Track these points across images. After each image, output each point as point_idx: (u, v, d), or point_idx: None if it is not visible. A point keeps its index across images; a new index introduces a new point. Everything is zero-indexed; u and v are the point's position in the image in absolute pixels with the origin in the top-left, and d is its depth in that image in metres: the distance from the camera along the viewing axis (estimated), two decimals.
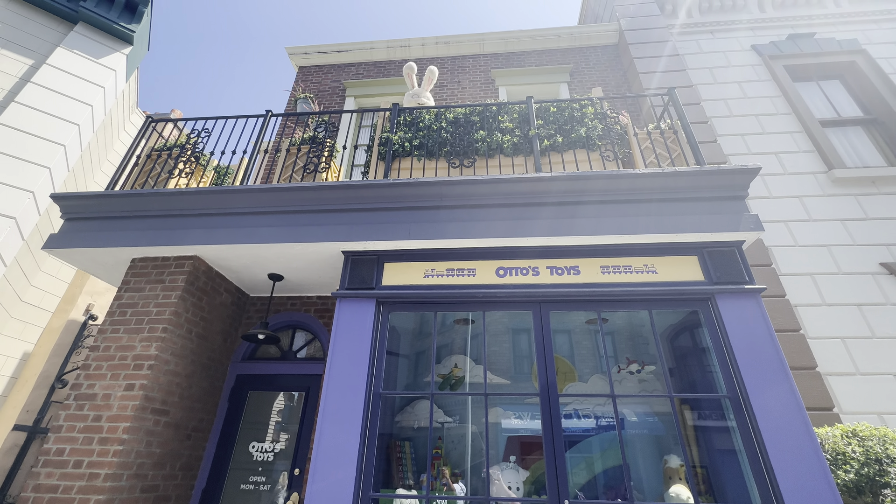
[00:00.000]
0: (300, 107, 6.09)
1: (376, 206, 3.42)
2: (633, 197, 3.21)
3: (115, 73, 5.75)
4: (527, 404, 3.74)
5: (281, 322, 4.43)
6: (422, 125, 4.02)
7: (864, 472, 2.41)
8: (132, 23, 5.93)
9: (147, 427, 3.16)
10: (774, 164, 4.74)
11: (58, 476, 2.86)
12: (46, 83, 5.12)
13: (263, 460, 3.83)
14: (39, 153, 4.82)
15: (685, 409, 3.34)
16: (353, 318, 3.10)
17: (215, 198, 3.56)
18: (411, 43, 6.95)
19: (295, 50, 7.13)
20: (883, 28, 5.85)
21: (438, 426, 3.75)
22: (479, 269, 3.25)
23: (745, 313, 2.84)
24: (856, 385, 3.50)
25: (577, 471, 3.36)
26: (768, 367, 2.66)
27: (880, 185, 4.47)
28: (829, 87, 5.62)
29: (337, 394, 2.84)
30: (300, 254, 3.53)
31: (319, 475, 2.61)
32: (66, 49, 5.41)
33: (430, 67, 4.70)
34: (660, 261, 3.13)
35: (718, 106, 5.30)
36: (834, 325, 3.77)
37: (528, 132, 3.82)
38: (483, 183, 3.32)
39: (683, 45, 6.00)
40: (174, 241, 3.48)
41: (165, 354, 3.34)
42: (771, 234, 4.28)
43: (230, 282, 4.17)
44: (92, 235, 3.57)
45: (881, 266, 4.00)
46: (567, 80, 6.36)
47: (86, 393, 3.14)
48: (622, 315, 3.93)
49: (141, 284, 3.57)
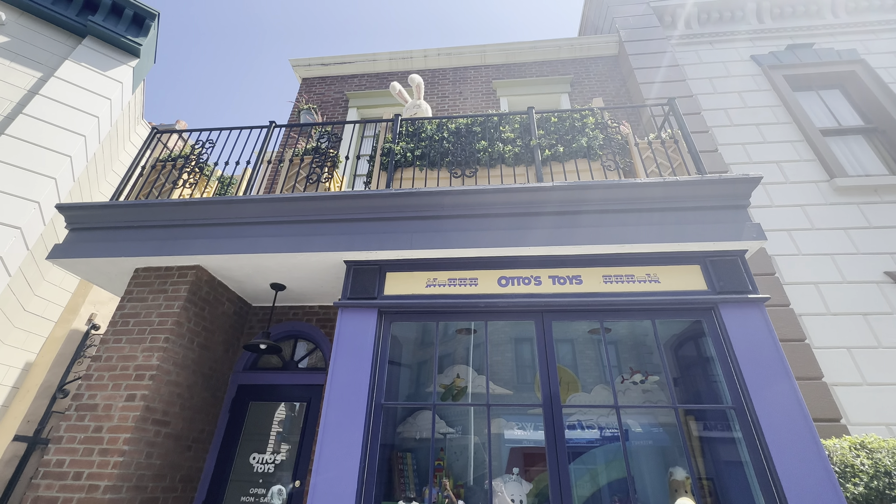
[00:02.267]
0: (303, 118, 6.15)
1: (378, 215, 3.43)
2: (635, 206, 3.21)
3: (122, 86, 5.85)
4: (530, 415, 3.70)
5: (283, 332, 4.43)
6: (424, 135, 4.05)
7: (874, 486, 2.36)
8: (139, 36, 6.04)
9: (147, 438, 3.14)
10: (776, 173, 4.74)
11: (57, 488, 2.84)
12: (54, 95, 5.20)
13: (264, 472, 3.79)
14: (46, 164, 4.88)
15: (690, 419, 3.30)
16: (354, 327, 3.10)
17: (218, 208, 3.58)
18: (413, 54, 7.04)
19: (299, 62, 7.23)
20: (882, 38, 5.89)
21: (440, 437, 3.71)
22: (481, 279, 3.24)
23: (748, 323, 2.82)
24: (863, 396, 3.45)
25: (581, 483, 3.31)
26: (773, 377, 2.63)
27: (882, 193, 4.46)
28: (829, 97, 5.65)
29: (338, 404, 2.82)
30: (302, 263, 3.53)
31: (320, 487, 2.58)
32: (74, 62, 5.51)
33: (412, 76, 4.77)
34: (662, 270, 3.12)
35: (719, 115, 5.33)
36: (839, 334, 3.73)
37: (529, 142, 3.85)
38: (485, 193, 3.33)
39: (683, 56, 6.05)
40: (177, 250, 3.49)
41: (167, 365, 3.34)
42: (774, 243, 4.26)
43: (232, 291, 4.17)
44: (96, 245, 3.59)
45: (885, 275, 3.97)
46: (568, 91, 6.42)
47: (87, 403, 3.13)
48: (625, 325, 3.91)
49: (143, 294, 3.58)
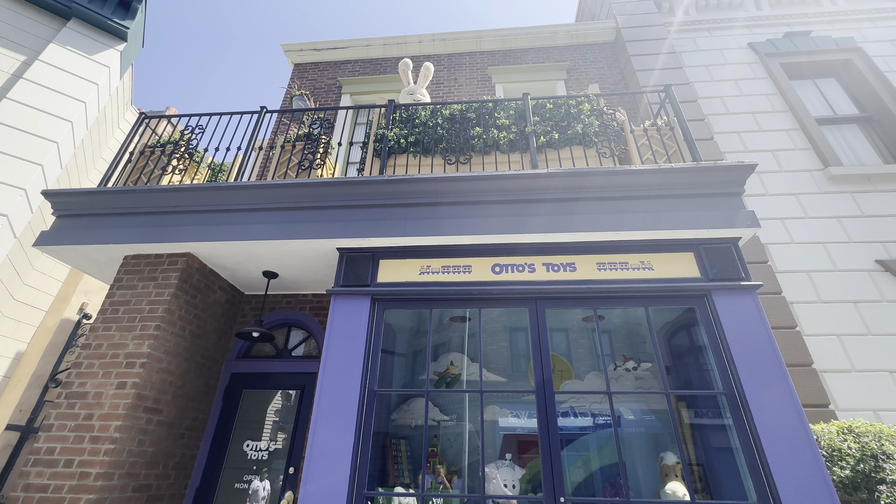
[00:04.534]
0: (296, 104, 6.05)
1: (372, 202, 3.39)
2: (630, 193, 3.20)
3: (109, 70, 5.71)
4: (524, 402, 3.72)
5: (276, 320, 4.40)
6: (418, 122, 3.99)
7: (860, 469, 2.40)
8: (126, 19, 5.88)
9: (139, 426, 3.12)
10: (771, 162, 4.74)
11: (48, 475, 2.82)
12: (39, 79, 5.07)
13: (258, 459, 3.80)
14: (32, 150, 4.77)
15: (682, 406, 3.33)
16: (347, 315, 3.08)
17: (209, 194, 3.53)
18: (408, 40, 6.92)
19: (291, 47, 7.09)
20: (878, 26, 5.86)
21: (434, 424, 3.73)
22: (475, 266, 3.23)
23: (741, 310, 2.83)
24: (851, 382, 3.50)
25: (573, 468, 3.34)
26: (765, 363, 2.65)
27: (876, 182, 4.47)
28: (825, 85, 5.63)
29: (331, 391, 2.81)
30: (295, 251, 3.50)
31: (314, 474, 2.59)
32: (58, 45, 5.36)
33: (426, 64, 4.67)
34: (656, 257, 3.12)
35: (715, 103, 5.30)
36: (830, 322, 3.77)
37: (524, 129, 3.80)
38: (479, 180, 3.30)
39: (680, 43, 5.99)
40: (167, 238, 3.44)
41: (158, 352, 3.31)
42: (767, 231, 4.27)
43: (224, 279, 4.13)
44: (84, 232, 3.53)
45: (877, 263, 4.00)
46: (564, 78, 6.35)
47: (77, 391, 3.10)
48: (619, 313, 3.92)
49: (133, 282, 3.54)
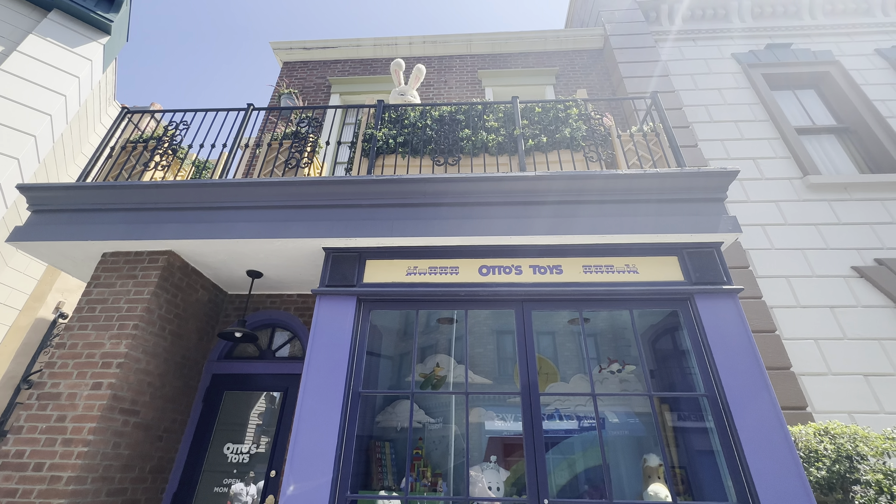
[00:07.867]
0: (284, 102, 5.98)
1: (359, 202, 3.36)
2: (616, 197, 3.23)
3: (91, 64, 5.57)
4: (510, 405, 3.72)
5: (260, 320, 4.33)
6: (407, 122, 3.98)
7: (836, 469, 2.45)
8: (110, 12, 5.76)
9: (115, 428, 3.03)
10: (752, 169, 4.85)
11: (16, 479, 2.72)
12: (16, 71, 4.93)
13: (238, 462, 3.72)
14: (8, 143, 4.63)
15: (665, 409, 3.37)
16: (332, 315, 3.04)
17: (192, 191, 3.46)
18: (398, 41, 6.92)
19: (280, 45, 7.03)
20: (855, 41, 6.06)
21: (420, 426, 3.69)
22: (462, 268, 3.22)
23: (722, 313, 2.88)
24: (828, 385, 3.58)
25: (558, 471, 3.35)
26: (745, 365, 2.70)
27: (852, 191, 4.61)
28: (805, 96, 5.79)
29: (315, 392, 2.77)
30: (280, 250, 3.45)
31: (296, 476, 2.54)
32: (38, 36, 5.22)
33: (418, 66, 4.67)
34: (641, 261, 3.16)
35: (699, 111, 5.41)
36: (808, 326, 3.86)
37: (513, 132, 3.82)
38: (467, 181, 3.30)
39: (667, 52, 6.11)
40: (148, 235, 3.36)
41: (136, 352, 3.22)
42: (748, 237, 4.36)
43: (207, 278, 4.05)
44: (60, 228, 3.42)
45: (852, 269, 4.11)
46: (553, 83, 6.42)
47: (49, 392, 3.00)
48: (604, 316, 3.96)
49: (111, 279, 3.44)
